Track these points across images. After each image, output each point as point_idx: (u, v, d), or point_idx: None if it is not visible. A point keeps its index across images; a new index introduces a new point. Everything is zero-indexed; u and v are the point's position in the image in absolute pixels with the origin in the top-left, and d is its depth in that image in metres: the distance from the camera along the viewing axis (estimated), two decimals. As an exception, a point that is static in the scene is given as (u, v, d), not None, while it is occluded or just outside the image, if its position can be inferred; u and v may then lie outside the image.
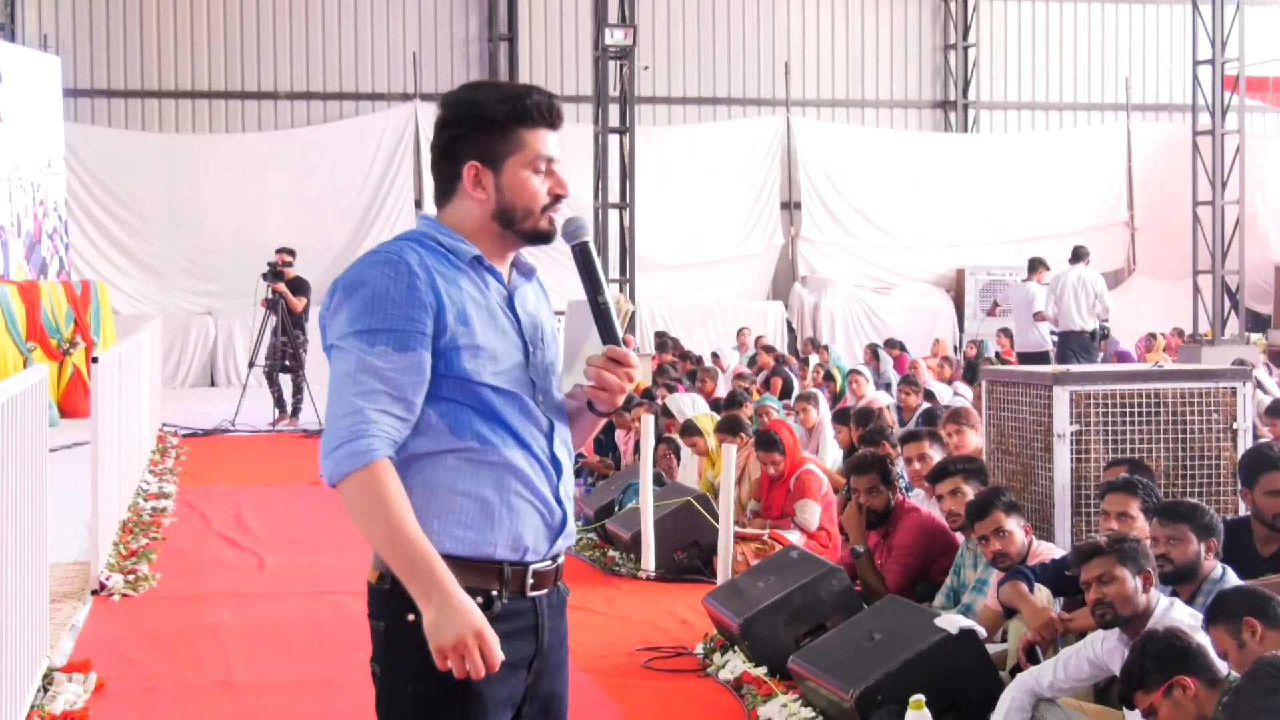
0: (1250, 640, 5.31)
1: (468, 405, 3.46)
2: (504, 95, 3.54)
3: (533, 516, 3.53)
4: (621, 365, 3.52)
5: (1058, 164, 29.72)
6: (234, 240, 25.81)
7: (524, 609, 3.53)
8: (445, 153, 3.57)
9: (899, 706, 6.39)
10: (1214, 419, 8.42)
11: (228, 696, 7.78)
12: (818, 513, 10.47)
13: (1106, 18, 31.31)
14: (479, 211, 3.54)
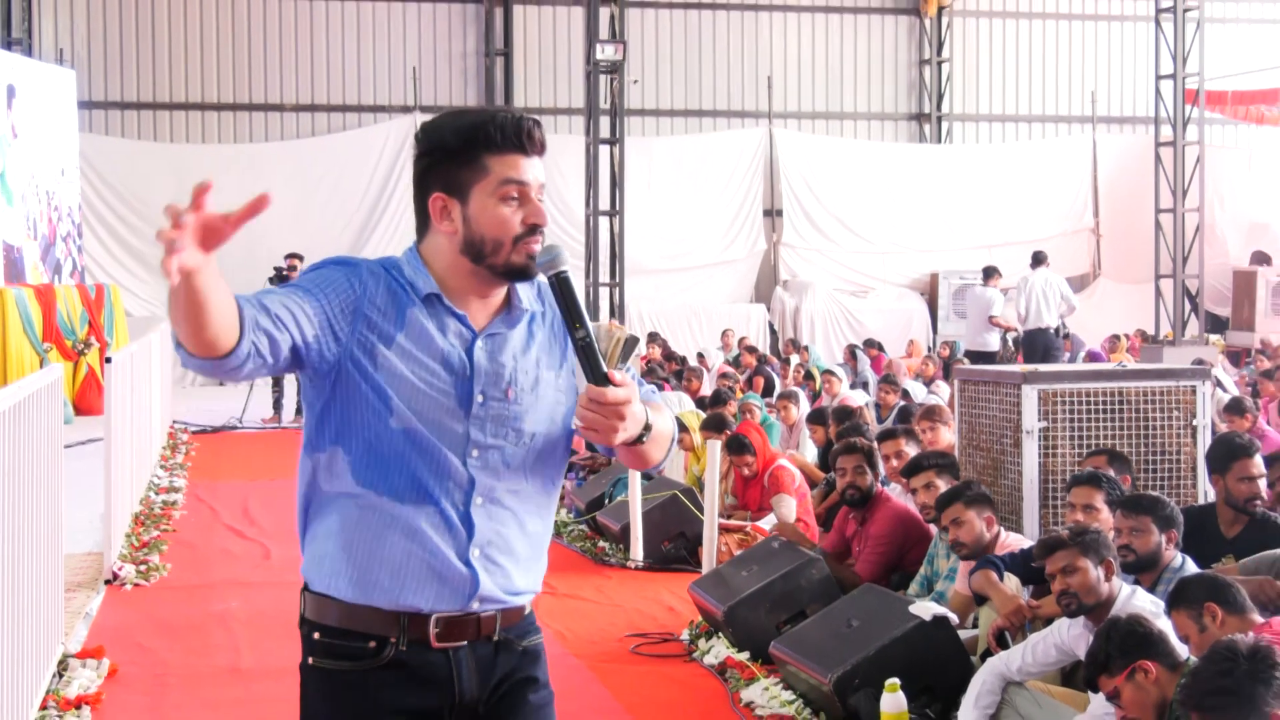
0: (1211, 625, 5.32)
1: (376, 447, 3.11)
2: (468, 121, 3.17)
3: (426, 580, 3.15)
4: (602, 404, 3.01)
5: (1027, 173, 29.74)
6: (242, 245, 25.23)
7: (431, 661, 3.18)
8: (417, 184, 3.24)
9: (875, 690, 6.40)
10: (1175, 416, 8.45)
11: (236, 682, 7.78)
12: (793, 505, 10.48)
13: (1074, 34, 31.34)
14: (448, 245, 3.17)
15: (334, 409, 3.14)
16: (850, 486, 8.87)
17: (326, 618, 3.21)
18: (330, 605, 3.20)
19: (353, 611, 3.17)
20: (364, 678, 3.17)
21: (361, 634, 3.17)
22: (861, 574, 8.43)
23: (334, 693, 3.20)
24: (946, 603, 7.27)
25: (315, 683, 3.24)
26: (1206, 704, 4.52)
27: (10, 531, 5.96)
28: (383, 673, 3.16)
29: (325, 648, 3.21)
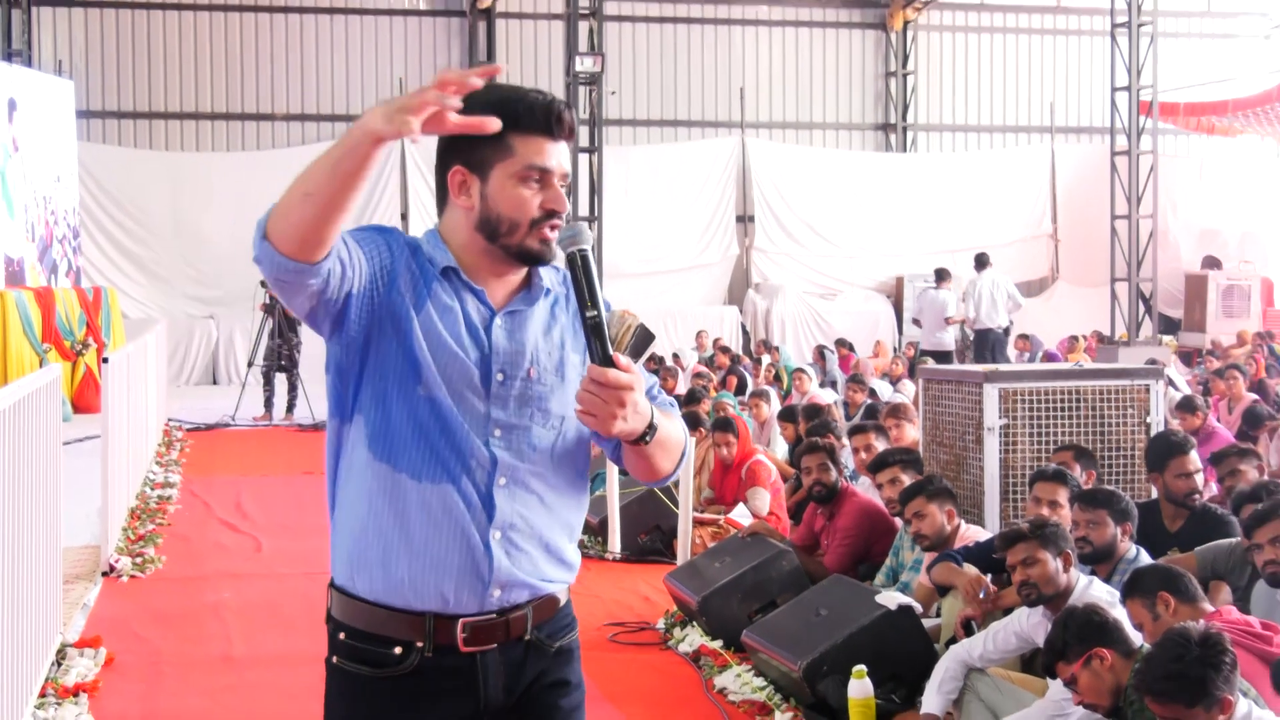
0: (1164, 613, 5.34)
1: (395, 418, 2.92)
2: (498, 97, 2.92)
3: (448, 562, 2.95)
4: (605, 387, 2.83)
5: (988, 181, 29.78)
6: (234, 250, 25.62)
7: (458, 666, 2.98)
8: (439, 157, 3.04)
9: (843, 676, 6.41)
10: (1129, 413, 8.48)
11: (228, 670, 7.77)
12: (768, 499, 10.50)
13: (1033, 48, 31.41)
14: (464, 221, 2.99)
15: (366, 374, 2.95)
16: (816, 483, 8.89)
17: (352, 619, 2.99)
18: (354, 606, 2.98)
19: (377, 614, 2.96)
20: (387, 685, 2.96)
21: (386, 639, 2.96)
22: (829, 566, 8.44)
23: (355, 697, 3.00)
24: (911, 593, 7.29)
25: (338, 683, 3.03)
26: (1160, 689, 4.54)
27: (10, 525, 5.94)
28: (406, 680, 2.95)
29: (349, 650, 2.99)
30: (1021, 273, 30.13)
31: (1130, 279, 24.98)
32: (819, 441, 9.15)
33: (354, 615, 2.98)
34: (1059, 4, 31.37)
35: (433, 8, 28.74)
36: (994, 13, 31.23)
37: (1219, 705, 4.50)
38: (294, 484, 14.06)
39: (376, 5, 28.45)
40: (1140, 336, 24.54)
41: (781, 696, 6.89)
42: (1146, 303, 25.12)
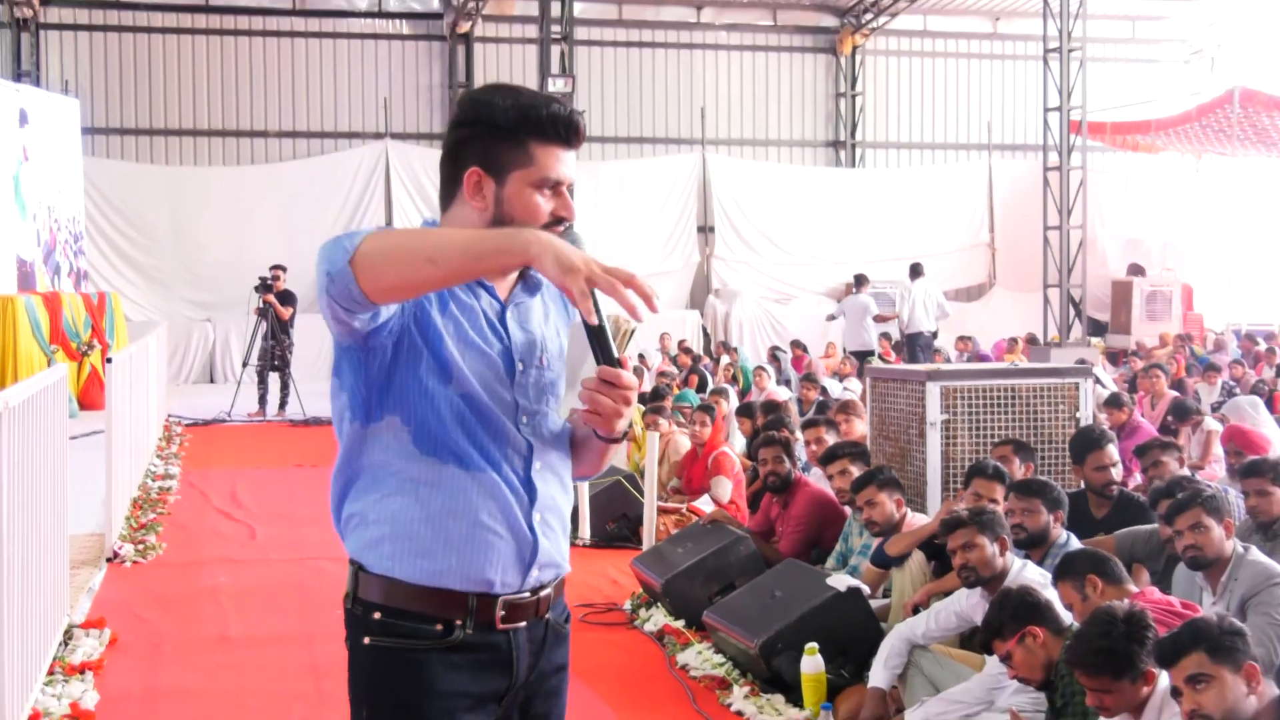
0: (1092, 594, 5.37)
1: (435, 416, 2.80)
2: (521, 102, 2.84)
3: (497, 545, 2.86)
4: (615, 387, 2.77)
5: (931, 194, 29.85)
6: (229, 258, 25.60)
7: (495, 642, 2.88)
8: (451, 153, 2.90)
9: (796, 653, 6.43)
10: (1060, 409, 8.52)
11: (224, 649, 7.75)
12: (729, 487, 10.53)
13: (972, 71, 31.51)
14: (475, 220, 2.86)
15: (395, 378, 2.81)
16: (771, 474, 8.91)
17: (391, 599, 2.84)
18: (394, 586, 2.84)
19: (419, 594, 2.82)
20: (428, 657, 2.82)
21: (429, 616, 2.83)
22: (784, 551, 8.46)
23: (395, 671, 2.84)
24: (859, 576, 7.30)
25: (373, 662, 2.85)
26: (1088, 663, 4.56)
27: (21, 514, 5.92)
28: (447, 654, 2.83)
29: (386, 627, 2.84)
30: (961, 279, 30.27)
31: (1061, 285, 25.08)
32: (774, 435, 9.17)
33: (392, 596, 2.84)
34: (995, 31, 31.49)
35: (415, 33, 28.72)
36: (936, 38, 31.33)
37: (1143, 677, 4.52)
38: (286, 476, 14.04)
39: (363, 30, 28.43)
40: (1071, 338, 24.63)
41: (740, 672, 6.90)
42: (1076, 307, 25.22)
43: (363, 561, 2.87)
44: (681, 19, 29.96)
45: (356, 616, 2.87)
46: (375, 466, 2.85)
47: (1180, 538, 5.95)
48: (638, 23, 29.71)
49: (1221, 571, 5.88)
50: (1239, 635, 4.16)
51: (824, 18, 30.59)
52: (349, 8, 28.43)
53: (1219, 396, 15.82)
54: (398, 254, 2.55)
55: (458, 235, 2.65)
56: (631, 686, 7.05)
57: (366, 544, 2.86)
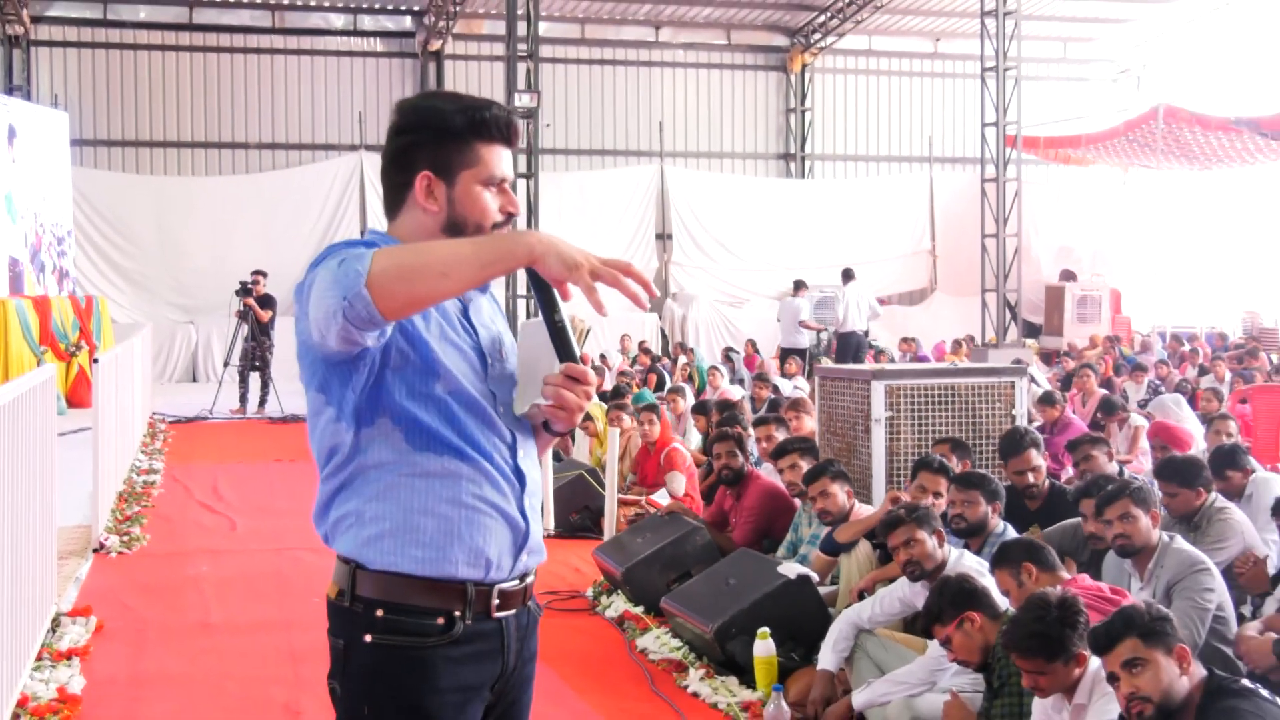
0: (1028, 581, 5.38)
1: (426, 414, 2.74)
2: (464, 106, 2.81)
3: (496, 530, 2.81)
4: (580, 383, 2.77)
5: (875, 204, 29.94)
6: (212, 264, 25.47)
7: (489, 630, 2.83)
8: (397, 161, 2.84)
9: (749, 637, 6.43)
10: (997, 406, 8.54)
11: (206, 635, 7.69)
12: (684, 481, 10.52)
13: (914, 89, 31.63)
14: (429, 224, 2.81)
15: (384, 381, 2.72)
16: (725, 468, 8.91)
17: (391, 594, 2.75)
18: (396, 582, 2.75)
19: (422, 586, 2.75)
20: (431, 654, 2.76)
21: (431, 609, 2.76)
22: (738, 540, 8.45)
23: (400, 669, 2.76)
24: (809, 564, 7.31)
25: (376, 660, 2.76)
26: (1023, 646, 4.57)
27: (11, 508, 5.86)
28: (449, 649, 2.76)
29: (390, 624, 2.75)
30: (904, 284, 30.38)
31: (998, 290, 25.18)
32: (728, 431, 9.17)
33: (393, 591, 2.75)
34: (936, 50, 31.62)
35: (389, 50, 28.64)
36: (880, 57, 31.44)
37: (1075, 659, 4.54)
38: (266, 470, 13.97)
39: (339, 47, 28.34)
40: (1007, 340, 24.73)
41: (695, 655, 6.90)
42: (1012, 310, 25.33)
43: (360, 559, 2.77)
44: (641, 38, 29.98)
45: (356, 614, 2.77)
46: (370, 468, 2.77)
47: (1110, 527, 5.97)
48: (599, 41, 29.71)
49: (1148, 559, 5.91)
50: (1167, 620, 4.18)
51: (775, 37, 30.65)
52: (326, 26, 28.35)
53: (1145, 394, 15.92)
54: (411, 272, 2.50)
55: (463, 246, 2.60)
56: (593, 670, 7.03)
57: (364, 541, 2.77)
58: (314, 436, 2.85)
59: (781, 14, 29.81)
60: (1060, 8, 29.32)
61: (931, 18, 30.18)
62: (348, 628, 2.79)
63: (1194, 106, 24.77)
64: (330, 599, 2.84)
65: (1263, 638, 5.36)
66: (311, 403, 2.82)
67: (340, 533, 2.81)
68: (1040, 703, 4.72)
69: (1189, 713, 4.08)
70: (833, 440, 8.93)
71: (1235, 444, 8.36)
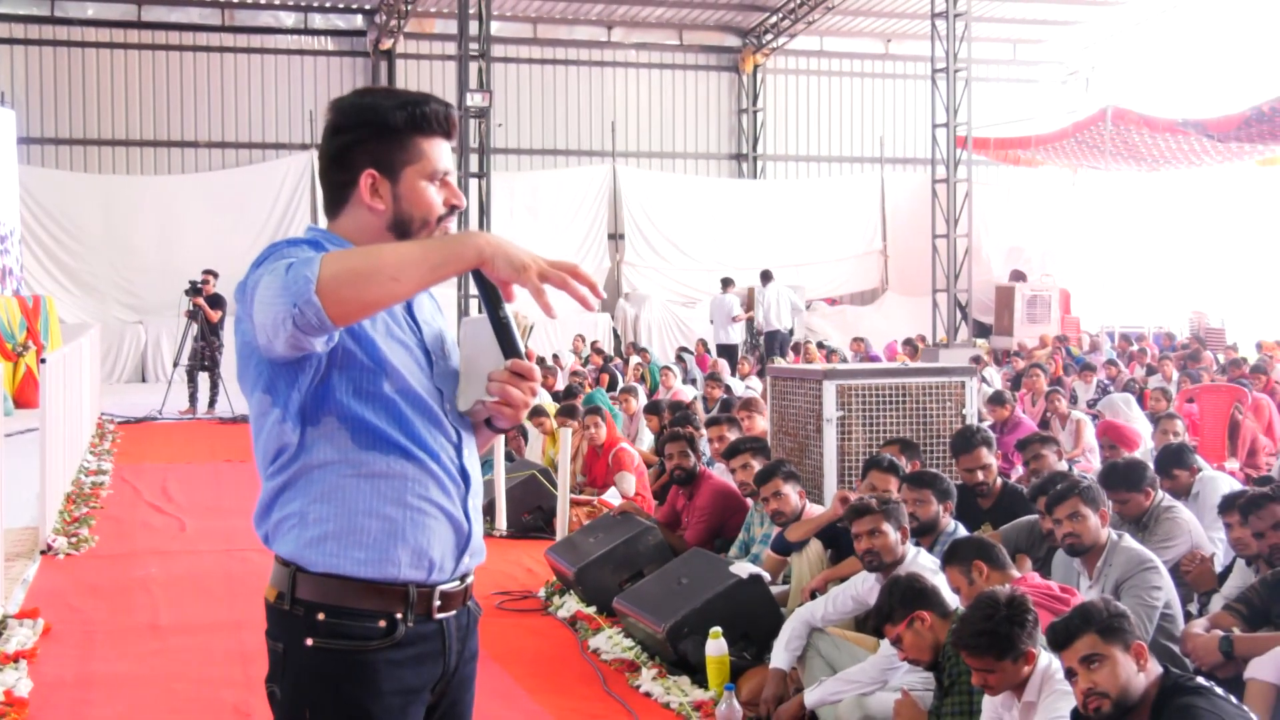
0: (978, 578, 5.41)
1: (373, 413, 2.70)
2: (402, 102, 2.79)
3: (440, 530, 2.78)
4: (525, 380, 2.74)
5: (827, 204, 30.03)
6: (160, 263, 25.28)
7: (430, 632, 2.80)
8: (338, 160, 2.81)
9: (701, 637, 6.43)
10: (948, 406, 8.58)
11: (155, 637, 7.64)
12: (633, 481, 10.53)
13: (865, 89, 31.77)
14: (375, 222, 2.78)
15: (331, 380, 2.69)
16: (677, 468, 8.93)
17: (332, 597, 2.71)
18: (338, 584, 2.71)
19: (364, 589, 2.71)
20: (373, 657, 2.72)
21: (373, 612, 2.72)
22: (690, 540, 8.47)
23: (341, 673, 2.72)
24: (760, 563, 7.32)
25: (317, 663, 2.72)
26: (973, 644, 4.59)
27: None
28: (391, 651, 2.74)
29: (331, 628, 2.71)
30: (856, 284, 30.50)
31: (949, 290, 25.32)
32: (680, 431, 9.19)
33: (334, 594, 2.72)
34: (887, 52, 31.77)
35: (340, 49, 28.53)
36: (832, 58, 31.56)
37: (1024, 657, 4.57)
38: (215, 471, 13.88)
39: (290, 46, 28.20)
40: (958, 340, 24.86)
41: (648, 655, 6.90)
42: (963, 310, 25.47)
43: (301, 561, 2.74)
44: (593, 38, 29.97)
45: (296, 618, 2.73)
46: (314, 468, 2.73)
47: (1059, 526, 6.02)
48: (551, 41, 29.69)
49: (1097, 557, 5.96)
50: (1125, 617, 4.21)
51: (727, 38, 30.72)
52: (276, 24, 28.21)
53: (1094, 394, 16.04)
54: (362, 278, 2.47)
55: (413, 250, 2.56)
56: (545, 670, 7.03)
57: (306, 543, 2.73)
58: (258, 437, 2.81)
59: (733, 14, 29.89)
60: (1010, 10, 29.54)
61: (882, 19, 30.33)
62: (287, 631, 2.75)
63: (1142, 108, 24.98)
64: (269, 602, 2.79)
65: (1209, 635, 5.41)
66: (256, 404, 2.78)
67: (281, 534, 2.77)
68: (990, 701, 4.75)
69: (1145, 709, 4.12)
70: (784, 440, 8.95)
71: (1182, 443, 8.44)
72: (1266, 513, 5.96)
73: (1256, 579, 5.79)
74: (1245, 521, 6.08)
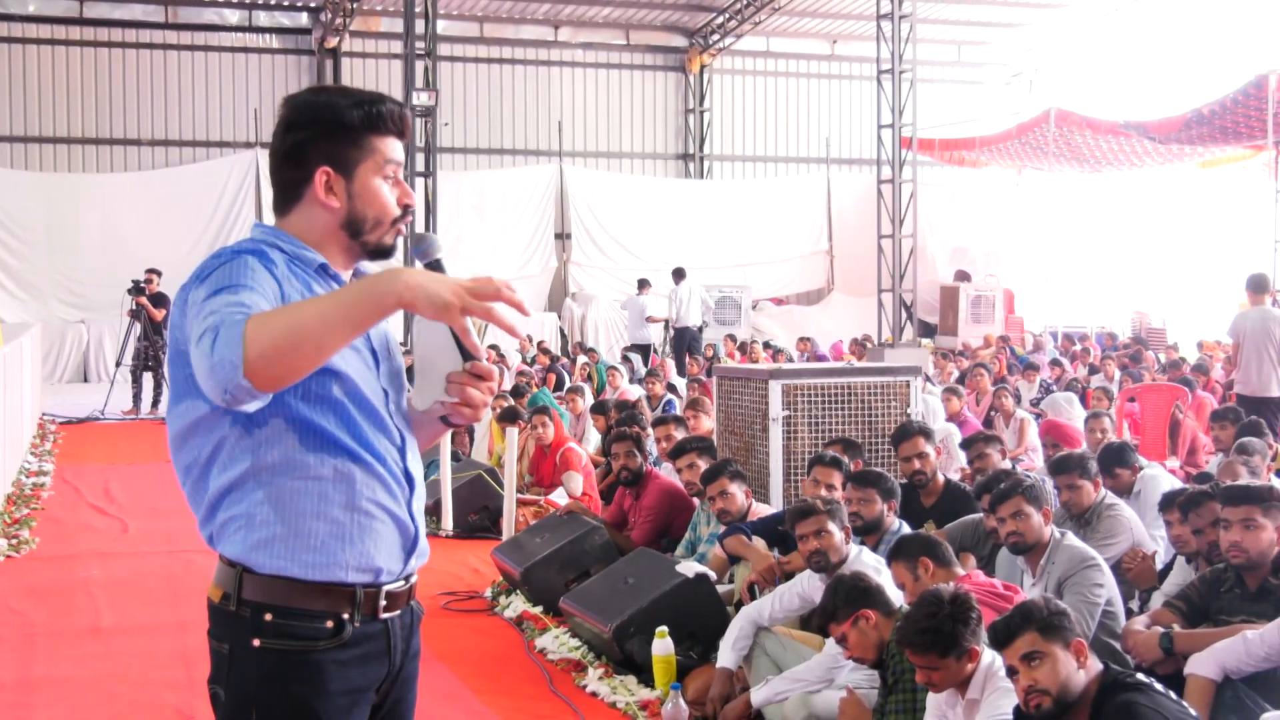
0: (923, 575, 5.44)
1: (321, 416, 2.68)
2: (358, 100, 2.78)
3: (386, 534, 2.77)
4: (485, 381, 2.76)
5: (773, 204, 30.14)
6: (103, 262, 25.03)
7: (375, 632, 2.79)
8: (292, 157, 2.78)
9: (647, 636, 6.43)
10: (893, 405, 8.63)
11: (96, 639, 7.58)
12: (580, 481, 10.51)
13: (812, 90, 31.90)
14: (328, 220, 2.78)
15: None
16: (624, 468, 8.92)
17: (279, 598, 2.69)
18: (285, 585, 2.69)
19: (311, 590, 2.70)
20: (320, 658, 2.71)
21: (320, 613, 2.70)
22: (636, 540, 8.47)
23: (288, 673, 2.70)
24: (707, 563, 7.33)
25: (264, 664, 2.70)
26: (917, 642, 4.62)
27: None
28: (338, 652, 2.72)
29: (279, 628, 2.69)
30: (802, 284, 30.61)
31: (894, 290, 25.43)
32: (626, 431, 9.19)
33: (282, 595, 2.70)
34: (833, 53, 31.91)
35: (284, 47, 28.37)
36: (778, 59, 31.67)
37: (968, 655, 4.59)
38: (158, 471, 13.75)
39: (234, 44, 28.01)
40: (903, 340, 24.98)
41: (594, 655, 6.90)
42: (908, 310, 25.59)
43: (248, 563, 2.70)
44: (540, 37, 29.94)
45: (243, 618, 2.70)
46: (262, 470, 2.69)
47: (1003, 525, 6.06)
48: (498, 40, 29.64)
49: (1040, 555, 6.00)
50: (1065, 615, 4.25)
51: (674, 38, 30.76)
52: (220, 22, 28.02)
53: (1037, 393, 16.16)
54: (289, 352, 2.42)
55: (334, 310, 2.48)
56: (492, 670, 7.02)
57: (254, 545, 2.70)
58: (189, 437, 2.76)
59: (680, 14, 29.93)
60: (954, 11, 29.74)
61: (828, 20, 30.45)
62: (233, 632, 2.73)
63: (1084, 110, 25.19)
64: (213, 603, 2.77)
65: (1149, 631, 5.46)
66: (192, 406, 2.73)
67: (228, 535, 2.74)
68: (934, 698, 4.77)
69: (1085, 706, 4.15)
70: (731, 439, 8.97)
71: (1124, 442, 8.52)
72: (1206, 510, 6.03)
73: (1196, 576, 5.86)
74: (1185, 519, 6.15)
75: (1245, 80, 19.77)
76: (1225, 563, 5.58)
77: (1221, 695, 4.88)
